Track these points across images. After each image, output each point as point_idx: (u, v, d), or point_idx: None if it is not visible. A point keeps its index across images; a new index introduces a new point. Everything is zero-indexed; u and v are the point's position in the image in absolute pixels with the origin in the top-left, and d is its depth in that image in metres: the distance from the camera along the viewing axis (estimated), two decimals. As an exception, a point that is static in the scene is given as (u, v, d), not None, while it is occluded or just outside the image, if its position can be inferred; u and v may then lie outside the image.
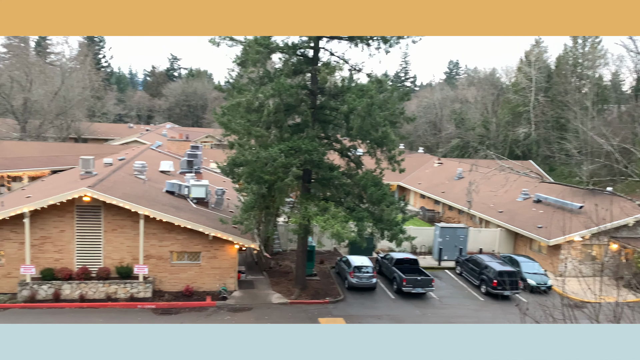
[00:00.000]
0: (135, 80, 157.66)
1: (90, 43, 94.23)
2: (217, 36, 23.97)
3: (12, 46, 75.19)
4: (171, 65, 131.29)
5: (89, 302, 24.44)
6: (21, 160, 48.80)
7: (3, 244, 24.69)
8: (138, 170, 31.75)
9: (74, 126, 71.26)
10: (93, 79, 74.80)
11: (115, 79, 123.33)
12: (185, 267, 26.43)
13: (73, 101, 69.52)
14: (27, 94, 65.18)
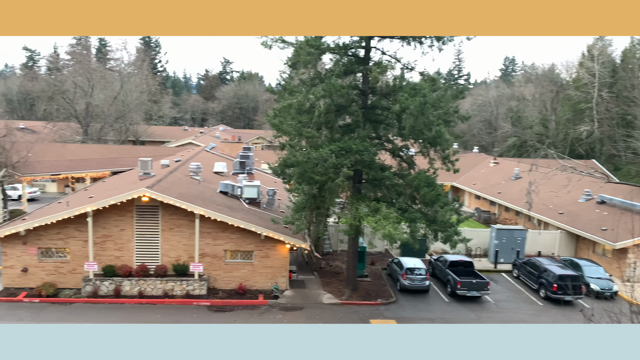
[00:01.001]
0: (190, 84, 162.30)
1: (146, 48, 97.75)
2: (269, 39, 24.21)
3: (75, 53, 79.10)
4: (224, 69, 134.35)
5: (147, 298, 25.27)
6: (84, 162, 51.21)
7: (68, 241, 25.96)
8: (193, 172, 32.61)
9: (132, 129, 74.10)
10: (150, 83, 77.56)
11: (170, 83, 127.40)
12: (238, 266, 26.89)
13: (131, 105, 72.37)
14: (89, 99, 68.40)
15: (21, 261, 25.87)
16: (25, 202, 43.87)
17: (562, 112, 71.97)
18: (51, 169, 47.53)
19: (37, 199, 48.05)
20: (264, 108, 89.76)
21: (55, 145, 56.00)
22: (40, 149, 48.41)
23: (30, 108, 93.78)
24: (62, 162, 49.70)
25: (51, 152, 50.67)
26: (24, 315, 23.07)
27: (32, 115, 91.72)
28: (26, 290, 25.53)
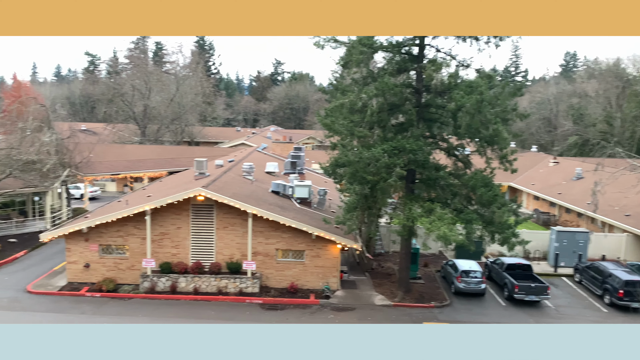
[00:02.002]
0: (242, 85, 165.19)
1: (201, 51, 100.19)
2: (321, 39, 24.16)
3: (133, 57, 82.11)
4: (275, 70, 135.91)
5: (202, 295, 25.78)
6: (142, 162, 53.01)
7: (128, 238, 26.86)
8: (246, 172, 33.07)
9: (187, 130, 76.12)
10: (204, 85, 79.42)
11: (223, 85, 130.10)
12: (289, 265, 27.00)
13: (186, 107, 74.36)
14: (147, 101, 70.82)
15: (84, 257, 27.00)
16: (86, 201, 45.89)
17: (628, 108, 68.19)
18: (111, 169, 49.49)
19: (98, 198, 50.17)
20: (314, 108, 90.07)
21: (114, 146, 58.29)
22: (101, 149, 50.48)
23: (92, 110, 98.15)
24: (121, 162, 51.65)
25: (111, 153, 52.75)
26: (86, 309, 24.03)
27: (93, 117, 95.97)
28: (88, 285, 26.61)
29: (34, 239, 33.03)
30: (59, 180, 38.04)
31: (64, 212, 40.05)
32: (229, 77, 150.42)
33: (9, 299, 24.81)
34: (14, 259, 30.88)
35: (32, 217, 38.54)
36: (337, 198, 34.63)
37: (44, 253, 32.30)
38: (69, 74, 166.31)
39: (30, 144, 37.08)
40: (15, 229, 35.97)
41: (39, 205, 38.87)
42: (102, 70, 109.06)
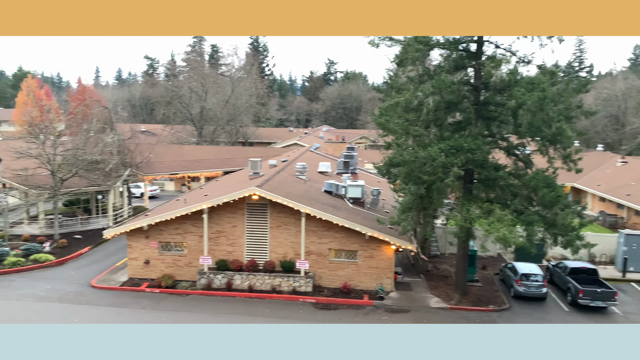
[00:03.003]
0: (295, 86, 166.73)
1: (255, 53, 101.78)
2: (376, 37, 23.91)
3: (190, 60, 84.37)
4: (328, 70, 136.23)
5: (257, 292, 26.07)
6: (198, 162, 54.40)
7: (186, 236, 27.56)
8: (299, 171, 33.22)
9: (242, 131, 77.54)
10: (258, 86, 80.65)
11: (277, 86, 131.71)
12: (342, 265, 26.88)
13: (241, 108, 75.78)
14: (203, 103, 72.63)
15: (144, 254, 27.91)
16: (146, 199, 47.54)
17: (703, 105, 63.73)
18: (170, 169, 51.07)
19: (157, 197, 51.89)
20: (367, 107, 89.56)
21: (173, 147, 60.10)
22: (160, 150, 52.17)
23: (151, 112, 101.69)
24: (180, 162, 53.20)
25: (170, 153, 54.43)
26: (146, 304, 24.81)
27: (152, 119, 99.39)
28: (148, 281, 27.49)
29: (98, 236, 34.51)
30: (120, 179, 39.58)
31: (125, 210, 41.63)
32: (282, 78, 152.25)
33: (75, 293, 25.98)
34: (79, 254, 32.36)
35: (96, 214, 40.30)
36: (391, 198, 34.19)
37: (107, 249, 33.68)
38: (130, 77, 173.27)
39: (94, 144, 38.83)
40: (80, 226, 37.70)
41: (102, 203, 40.60)
42: (161, 73, 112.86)
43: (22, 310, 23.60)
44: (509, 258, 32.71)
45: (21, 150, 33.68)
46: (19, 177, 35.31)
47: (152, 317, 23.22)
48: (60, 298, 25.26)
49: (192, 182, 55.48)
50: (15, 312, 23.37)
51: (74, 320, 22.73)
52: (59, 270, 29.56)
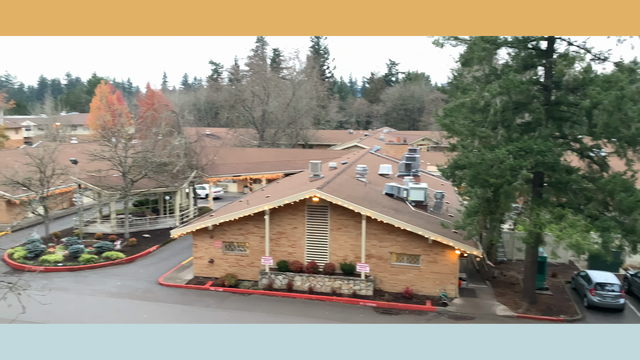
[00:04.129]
0: (355, 88, 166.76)
1: (316, 56, 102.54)
2: (440, 37, 23.39)
3: (253, 65, 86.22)
4: (389, 71, 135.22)
5: (317, 294, 26.09)
6: (260, 165, 55.34)
7: (248, 236, 28.03)
8: (359, 174, 33.01)
9: (302, 133, 78.28)
10: (318, 89, 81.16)
11: (337, 88, 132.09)
12: (404, 269, 26.40)
13: (301, 111, 76.52)
14: (265, 106, 73.94)
15: (208, 253, 28.64)
16: (211, 200, 48.85)
17: None
18: (233, 171, 52.26)
19: (221, 198, 53.20)
20: (430, 108, 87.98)
21: (236, 150, 61.50)
22: (224, 152, 53.47)
23: (215, 116, 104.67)
24: (242, 164, 54.35)
25: (233, 156, 55.70)
26: (210, 302, 25.42)
27: (216, 122, 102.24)
28: (212, 279, 28.17)
29: (165, 235, 35.77)
30: (187, 181, 40.89)
31: (191, 210, 42.95)
32: (342, 80, 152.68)
33: (143, 290, 27.03)
34: (147, 252, 33.67)
35: (163, 214, 41.81)
36: (455, 202, 33.30)
37: (173, 248, 34.84)
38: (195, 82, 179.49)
39: (162, 147, 40.34)
40: (149, 226, 39.23)
41: (169, 203, 42.09)
42: (225, 77, 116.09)
43: (95, 305, 24.80)
44: (581, 266, 30.99)
45: (95, 152, 35.48)
46: (93, 178, 37.26)
47: (215, 316, 23.75)
48: (129, 294, 26.35)
49: (254, 184, 56.48)
50: (89, 307, 24.59)
51: (142, 316, 23.63)
52: (129, 267, 30.88)
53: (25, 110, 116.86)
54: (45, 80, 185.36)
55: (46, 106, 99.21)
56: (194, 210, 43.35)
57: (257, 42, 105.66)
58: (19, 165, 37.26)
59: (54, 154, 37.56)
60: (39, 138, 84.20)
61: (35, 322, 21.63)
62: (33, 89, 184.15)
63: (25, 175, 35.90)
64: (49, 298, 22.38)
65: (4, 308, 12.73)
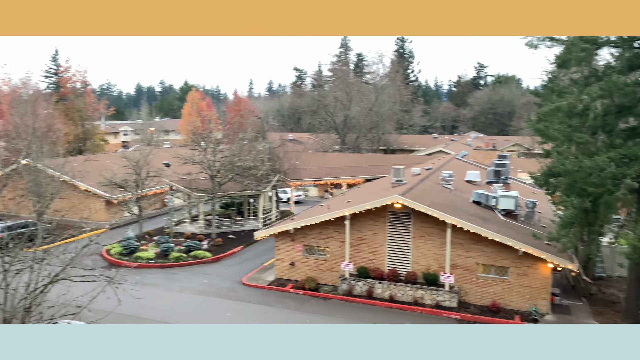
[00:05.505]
0: (440, 91, 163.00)
1: (400, 59, 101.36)
2: (534, 38, 22.09)
3: (336, 70, 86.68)
4: (477, 74, 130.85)
5: (397, 303, 25.50)
6: (341, 170, 55.43)
7: (328, 241, 28.02)
8: (445, 180, 31.97)
9: (384, 138, 77.51)
10: (402, 93, 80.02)
11: (421, 92, 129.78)
12: (491, 281, 25.14)
13: (384, 115, 75.81)
14: (347, 112, 74.08)
15: (289, 256, 28.96)
16: (292, 204, 49.58)
17: None
18: (314, 175, 52.77)
19: (302, 202, 53.85)
20: (521, 113, 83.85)
21: (317, 154, 62.08)
22: (306, 157, 54.16)
23: (298, 121, 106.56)
24: (323, 169, 54.73)
25: (314, 161, 56.26)
26: (290, 305, 25.64)
27: (299, 127, 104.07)
28: (292, 282, 28.44)
29: (249, 236, 36.71)
30: (270, 184, 41.77)
31: (274, 213, 43.81)
32: (427, 84, 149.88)
33: (228, 289, 27.82)
34: (232, 253, 34.70)
35: (247, 217, 42.97)
36: (548, 211, 31.31)
37: (256, 249, 35.64)
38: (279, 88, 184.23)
39: (247, 152, 41.56)
40: (234, 227, 40.46)
41: (253, 206, 43.22)
42: (308, 83, 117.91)
43: (183, 302, 25.85)
44: (694, 287, 27.89)
45: (186, 156, 37.24)
46: (184, 181, 39.07)
47: (295, 318, 23.90)
48: (215, 292, 27.22)
49: (335, 188, 56.68)
50: (176, 303, 25.68)
51: (226, 315, 24.29)
52: (215, 266, 31.96)
53: (123, 116, 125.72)
54: (142, 88, 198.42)
55: (142, 112, 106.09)
56: (276, 213, 44.18)
57: (341, 48, 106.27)
58: (117, 167, 39.92)
59: (149, 158, 39.88)
60: (135, 142, 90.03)
61: (129, 315, 22.96)
62: (130, 96, 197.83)
63: (123, 177, 38.37)
64: (142, 292, 23.69)
65: (103, 300, 13.52)
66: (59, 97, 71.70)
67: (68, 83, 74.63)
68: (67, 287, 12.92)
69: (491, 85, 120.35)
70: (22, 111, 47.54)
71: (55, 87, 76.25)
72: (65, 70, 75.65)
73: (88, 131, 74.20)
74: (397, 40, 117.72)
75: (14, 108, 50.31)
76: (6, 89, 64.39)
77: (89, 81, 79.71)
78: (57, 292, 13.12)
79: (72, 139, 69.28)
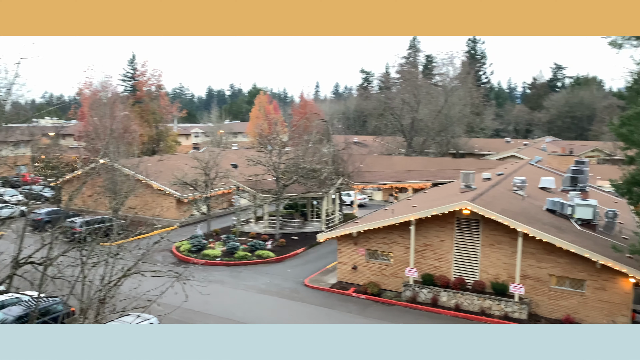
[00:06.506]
0: (514, 94, 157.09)
1: (471, 61, 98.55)
2: (619, 38, 20.66)
3: (404, 72, 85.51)
4: (554, 75, 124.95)
5: (463, 312, 24.63)
6: (407, 174, 54.47)
7: (392, 246, 27.53)
8: (517, 186, 30.56)
9: (453, 142, 75.50)
10: (473, 95, 77.67)
11: (493, 94, 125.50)
12: (565, 294, 23.71)
13: (454, 118, 73.86)
14: (414, 114, 72.83)
15: (352, 259, 28.72)
16: (356, 207, 49.25)
17: None
18: (378, 179, 52.18)
19: (365, 205, 53.40)
20: (603, 116, 79.09)
21: (382, 158, 61.43)
22: (370, 160, 53.69)
23: (363, 124, 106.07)
24: (388, 172, 54.03)
25: (379, 164, 55.67)
26: (352, 309, 25.40)
27: (364, 130, 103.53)
28: (355, 285, 28.17)
29: (311, 238, 36.78)
30: (333, 187, 41.72)
31: (337, 216, 43.73)
32: (500, 86, 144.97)
33: (290, 290, 27.98)
34: (295, 254, 34.93)
35: (310, 219, 43.15)
36: (631, 222, 29.15)
37: (319, 251, 35.68)
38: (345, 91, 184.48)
39: (312, 154, 41.76)
40: (297, 228, 40.74)
41: (316, 208, 43.34)
42: (375, 86, 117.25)
43: (247, 300, 26.28)
44: None
45: (252, 158, 37.95)
46: (250, 182, 39.82)
47: (357, 323, 23.63)
48: (277, 292, 27.47)
49: (400, 192, 55.80)
50: (241, 301, 26.13)
51: (288, 315, 24.43)
52: (278, 266, 32.29)
53: (194, 118, 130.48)
54: (212, 92, 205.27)
55: (212, 115, 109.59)
56: (339, 216, 44.07)
57: (409, 49, 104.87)
58: (188, 168, 41.35)
59: (217, 159, 40.97)
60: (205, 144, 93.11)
61: (195, 310, 23.61)
62: (202, 99, 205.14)
63: (193, 177, 39.69)
64: (208, 289, 24.26)
65: (171, 295, 13.91)
66: (135, 100, 75.49)
67: (144, 86, 78.46)
68: (139, 281, 13.36)
69: (569, 87, 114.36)
70: (101, 113, 50.42)
71: (131, 90, 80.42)
72: (141, 74, 79.62)
73: (161, 133, 77.61)
74: (468, 41, 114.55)
75: (93, 110, 53.45)
76: (87, 92, 68.53)
77: (163, 85, 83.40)
78: (129, 285, 13.60)
79: (147, 140, 72.72)
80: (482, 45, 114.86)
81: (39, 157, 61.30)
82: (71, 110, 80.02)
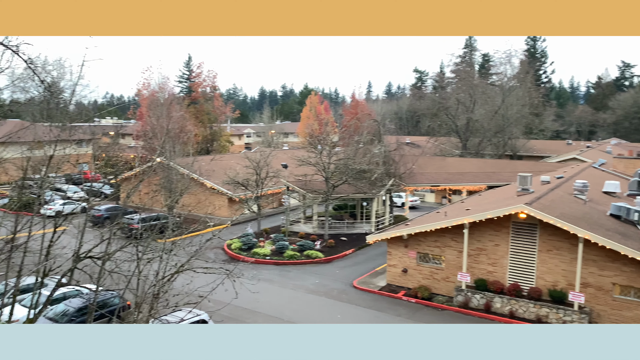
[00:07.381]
0: (577, 94, 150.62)
1: (531, 60, 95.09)
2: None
3: (460, 71, 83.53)
4: (621, 74, 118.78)
5: (518, 320, 23.69)
6: (461, 175, 53.12)
7: (444, 250, 26.86)
8: (578, 190, 29.13)
9: (510, 143, 73.03)
10: (532, 95, 74.85)
11: (554, 94, 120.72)
12: (631, 305, 22.34)
13: (511, 119, 71.40)
14: (470, 114, 70.94)
15: (402, 262, 28.24)
16: (407, 209, 48.53)
17: None
18: (431, 181, 51.15)
19: (417, 207, 52.55)
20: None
21: (435, 159, 60.23)
22: (423, 161, 52.73)
23: (416, 124, 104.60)
24: (441, 174, 52.87)
25: (432, 165, 54.59)
26: (402, 312, 24.96)
27: (417, 131, 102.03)
28: (404, 289, 27.69)
29: (360, 240, 36.50)
30: (384, 188, 41.25)
31: (387, 218, 43.21)
32: (561, 85, 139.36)
33: (338, 291, 27.83)
34: (343, 255, 34.76)
35: (360, 220, 42.85)
36: None
37: (368, 253, 35.34)
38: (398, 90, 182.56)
39: (362, 155, 41.44)
40: (346, 229, 40.56)
41: (366, 209, 43.00)
42: (429, 85, 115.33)
43: (295, 299, 26.34)
44: None
45: (302, 158, 38.07)
46: (299, 182, 39.99)
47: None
48: (326, 293, 27.39)
49: (453, 195, 54.53)
50: (289, 300, 26.22)
51: (336, 316, 24.29)
52: (326, 267, 32.21)
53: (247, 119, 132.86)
54: (264, 92, 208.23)
55: (264, 115, 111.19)
56: (389, 218, 43.53)
57: (465, 48, 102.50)
58: (240, 167, 42.03)
59: (268, 159, 41.41)
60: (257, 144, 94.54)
61: (244, 307, 23.90)
62: (254, 100, 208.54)
63: (245, 177, 40.29)
64: (257, 287, 24.43)
65: (222, 292, 14.07)
66: (191, 101, 77.62)
67: (199, 88, 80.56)
68: (191, 277, 13.58)
69: (638, 86, 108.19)
70: (158, 113, 52.08)
71: (187, 92, 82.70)
72: (197, 75, 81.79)
73: (215, 133, 79.39)
74: (527, 39, 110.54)
75: (151, 110, 55.32)
76: (145, 93, 71.03)
77: (217, 86, 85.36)
78: (181, 281, 13.86)
79: (201, 140, 74.60)
80: (542, 43, 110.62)
81: (99, 156, 64.16)
82: (130, 110, 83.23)
